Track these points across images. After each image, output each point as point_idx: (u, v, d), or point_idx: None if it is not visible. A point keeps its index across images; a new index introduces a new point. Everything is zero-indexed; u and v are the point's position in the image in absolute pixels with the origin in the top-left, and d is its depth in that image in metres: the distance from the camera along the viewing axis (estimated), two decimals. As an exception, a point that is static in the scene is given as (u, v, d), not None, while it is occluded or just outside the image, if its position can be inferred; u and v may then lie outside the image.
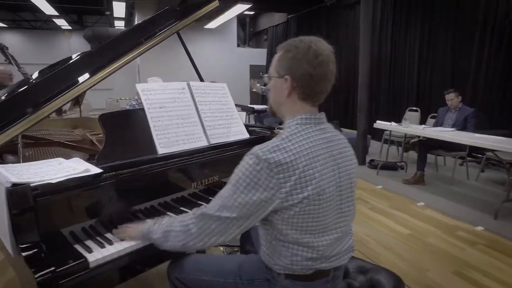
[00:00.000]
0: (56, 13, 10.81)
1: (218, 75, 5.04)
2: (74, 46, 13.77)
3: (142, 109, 1.43)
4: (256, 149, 0.92)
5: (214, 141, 1.61)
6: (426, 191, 3.67)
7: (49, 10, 10.28)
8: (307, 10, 8.66)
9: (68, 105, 4.63)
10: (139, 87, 1.48)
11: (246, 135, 1.76)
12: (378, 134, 5.46)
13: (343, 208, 1.02)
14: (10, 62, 4.58)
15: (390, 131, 4.51)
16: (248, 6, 7.92)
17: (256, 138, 1.79)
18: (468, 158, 4.13)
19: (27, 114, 1.20)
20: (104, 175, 1.15)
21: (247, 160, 0.92)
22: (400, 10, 5.85)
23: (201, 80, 2.10)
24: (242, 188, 0.91)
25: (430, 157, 4.25)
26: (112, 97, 10.39)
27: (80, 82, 1.36)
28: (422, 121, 4.84)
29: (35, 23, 13.15)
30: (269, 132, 1.92)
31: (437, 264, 2.26)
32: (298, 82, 0.96)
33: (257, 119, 5.20)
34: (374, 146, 5.46)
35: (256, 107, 4.89)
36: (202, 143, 1.56)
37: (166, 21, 1.84)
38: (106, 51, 1.56)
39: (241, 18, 12.53)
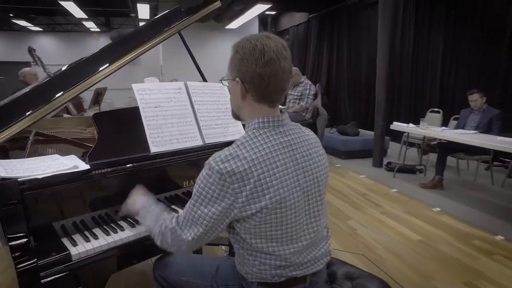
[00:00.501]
0: (85, 16, 11.31)
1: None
2: (102, 46, 14.30)
3: (138, 108, 1.47)
4: (211, 158, 0.89)
5: (209, 140, 1.62)
6: (444, 196, 3.51)
7: (79, 13, 10.78)
8: (328, 9, 8.54)
9: (89, 103, 4.85)
10: (135, 87, 1.51)
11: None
12: (399, 136, 5.29)
13: (311, 214, 0.98)
14: (36, 63, 4.87)
15: (408, 133, 4.35)
16: (268, 6, 7.92)
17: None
18: (495, 163, 3.92)
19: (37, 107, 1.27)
20: (93, 172, 1.19)
21: (203, 171, 0.90)
22: (423, 8, 5.64)
23: (204, 80, 2.13)
24: (201, 200, 0.89)
25: (452, 161, 4.07)
26: (133, 96, 10.72)
27: (83, 79, 1.43)
28: (444, 123, 4.64)
29: (67, 26, 13.81)
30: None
31: (446, 273, 2.16)
32: (250, 83, 0.91)
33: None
34: (394, 148, 5.29)
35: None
36: (197, 142, 1.58)
37: (170, 21, 1.89)
38: (115, 48, 1.69)
39: (262, 18, 12.55)
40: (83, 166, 1.18)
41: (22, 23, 12.86)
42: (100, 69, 1.51)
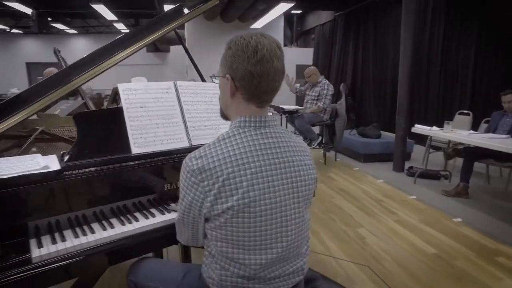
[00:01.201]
0: (115, 18, 11.74)
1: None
2: (132, 48, 14.80)
3: (122, 109, 1.44)
4: (187, 156, 0.90)
5: (197, 142, 1.57)
6: (468, 206, 3.25)
7: (109, 15, 11.21)
8: (354, 7, 8.26)
9: (106, 103, 4.97)
10: (121, 87, 1.49)
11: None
12: (424, 139, 4.98)
13: (286, 224, 0.89)
14: (60, 63, 5.07)
15: (431, 136, 4.08)
16: (291, 4, 7.79)
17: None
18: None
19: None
20: (64, 173, 1.17)
21: (181, 167, 0.92)
22: (455, 5, 5.27)
23: (202, 79, 2.08)
24: (184, 192, 0.90)
25: (482, 167, 3.76)
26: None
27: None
28: (474, 126, 4.30)
29: (99, 28, 14.43)
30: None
31: (461, 292, 1.97)
32: (240, 81, 0.88)
33: (289, 120, 5.06)
34: (418, 152, 5.00)
35: (286, 107, 4.77)
36: (183, 144, 1.53)
37: (167, 20, 1.88)
38: (119, 42, 1.75)
39: (288, 17, 12.40)
40: (55, 166, 1.16)
41: (60, 26, 13.59)
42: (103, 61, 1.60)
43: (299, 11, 11.78)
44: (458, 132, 3.55)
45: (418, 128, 3.88)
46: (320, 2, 9.16)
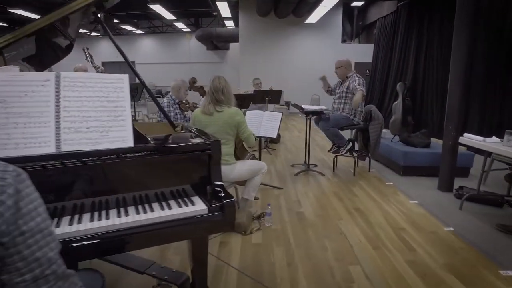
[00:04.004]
0: (174, 18, 12.16)
1: (318, 73, 4.58)
2: (193, 46, 15.31)
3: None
4: None
5: (68, 148, 1.22)
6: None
7: (168, 15, 11.66)
8: (418, -6, 7.15)
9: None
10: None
11: (127, 144, 1.31)
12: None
13: None
14: (88, 60, 5.24)
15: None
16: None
17: (142, 148, 1.32)
18: None
19: None
20: None
21: None
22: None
23: (141, 82, 1.77)
24: None
25: None
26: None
27: None
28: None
29: (163, 28, 15.20)
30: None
31: None
32: None
33: (317, 123, 4.45)
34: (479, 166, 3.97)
35: (306, 107, 4.16)
36: (47, 149, 1.20)
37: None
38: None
39: (348, 10, 11.43)
40: None
41: (129, 27, 14.65)
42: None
43: (360, 3, 10.75)
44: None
45: (467, 139, 3.00)
46: (380, -10, 8.17)
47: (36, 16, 11.47)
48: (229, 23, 13.13)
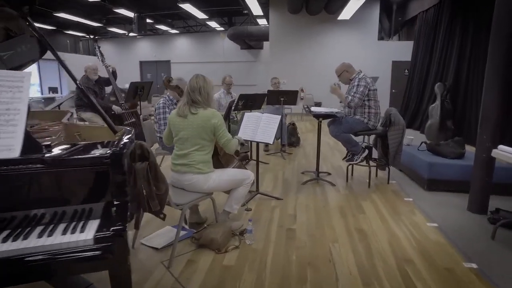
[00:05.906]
0: (206, 16, 12.14)
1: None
2: (227, 45, 15.25)
3: None
4: None
5: None
6: None
7: (200, 15, 11.65)
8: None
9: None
10: None
11: (12, 154, 1.06)
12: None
13: None
14: (99, 58, 5.24)
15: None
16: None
17: (27, 160, 1.07)
18: None
19: None
20: None
21: None
22: None
23: (75, 82, 1.56)
24: None
25: None
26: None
27: None
28: None
29: (197, 28, 15.29)
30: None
31: None
32: None
33: (329, 126, 4.00)
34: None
35: (315, 109, 3.73)
36: None
37: None
38: None
39: (386, 5, 10.61)
40: None
41: (164, 27, 14.93)
42: None
43: (400, -3, 9.90)
44: None
45: (501, 152, 2.43)
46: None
47: (80, 20, 12.10)
48: (262, 21, 12.84)
